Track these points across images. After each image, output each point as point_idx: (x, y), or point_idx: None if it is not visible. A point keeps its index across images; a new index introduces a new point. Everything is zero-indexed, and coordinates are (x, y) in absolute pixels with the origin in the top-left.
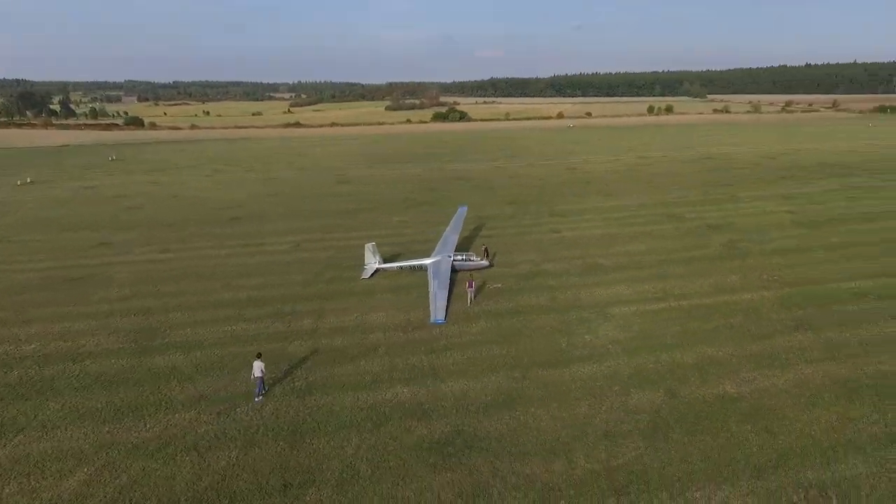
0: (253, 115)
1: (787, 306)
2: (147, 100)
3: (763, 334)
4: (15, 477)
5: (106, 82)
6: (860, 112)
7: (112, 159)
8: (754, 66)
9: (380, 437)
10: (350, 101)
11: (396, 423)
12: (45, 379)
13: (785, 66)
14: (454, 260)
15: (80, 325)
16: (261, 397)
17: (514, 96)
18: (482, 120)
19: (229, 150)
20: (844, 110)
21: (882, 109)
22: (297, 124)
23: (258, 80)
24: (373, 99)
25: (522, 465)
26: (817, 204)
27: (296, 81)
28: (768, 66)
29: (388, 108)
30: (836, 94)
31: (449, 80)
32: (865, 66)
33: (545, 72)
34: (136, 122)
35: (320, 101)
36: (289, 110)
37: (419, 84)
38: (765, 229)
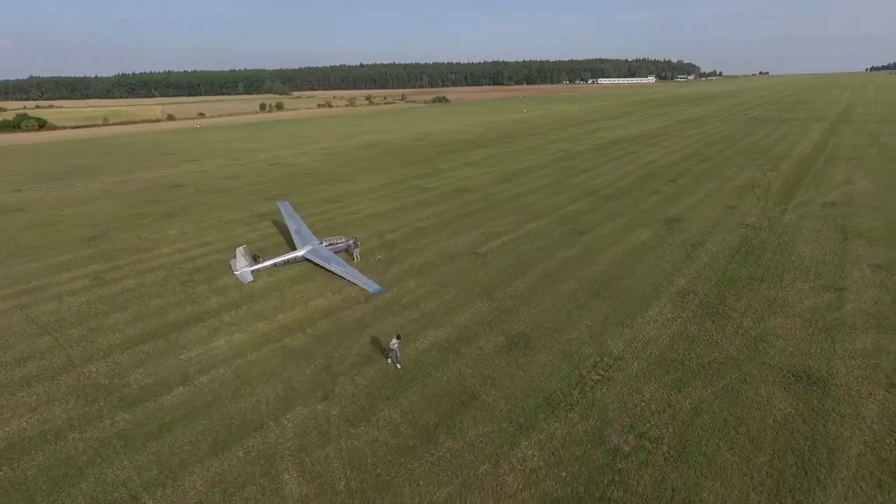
0: None
1: (553, 226)
2: None
3: (567, 243)
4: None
5: None
6: (424, 102)
7: None
8: (320, 66)
9: (473, 358)
10: None
11: (468, 346)
12: (60, 461)
13: (345, 66)
14: (326, 246)
15: None
16: (389, 360)
17: (73, 98)
18: (73, 127)
19: None
20: (413, 101)
21: (438, 100)
22: None
23: None
24: None
25: (570, 333)
26: (494, 166)
27: None
28: (331, 65)
29: None
30: (393, 90)
31: None
32: (403, 66)
33: (106, 70)
34: None
35: None
36: None
37: None
38: (485, 187)
